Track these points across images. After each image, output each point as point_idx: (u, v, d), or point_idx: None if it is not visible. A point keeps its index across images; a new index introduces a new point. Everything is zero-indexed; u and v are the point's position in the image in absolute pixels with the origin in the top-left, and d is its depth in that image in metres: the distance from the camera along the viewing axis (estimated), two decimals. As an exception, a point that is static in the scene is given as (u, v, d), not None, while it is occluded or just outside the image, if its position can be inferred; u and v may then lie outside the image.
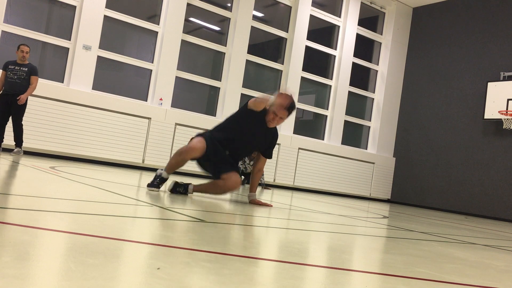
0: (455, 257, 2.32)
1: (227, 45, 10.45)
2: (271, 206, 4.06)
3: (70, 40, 8.62)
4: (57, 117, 8.10)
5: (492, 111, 10.65)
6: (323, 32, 12.15)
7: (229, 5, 10.55)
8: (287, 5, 11.30)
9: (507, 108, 10.34)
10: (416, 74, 12.81)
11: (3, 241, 1.27)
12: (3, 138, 7.19)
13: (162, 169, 3.88)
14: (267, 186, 9.70)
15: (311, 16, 11.51)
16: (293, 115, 4.25)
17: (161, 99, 9.38)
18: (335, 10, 12.15)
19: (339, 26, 12.11)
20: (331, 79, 12.03)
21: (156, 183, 3.82)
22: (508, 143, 10.54)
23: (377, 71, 12.95)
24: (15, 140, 7.11)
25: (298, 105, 11.37)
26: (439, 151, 11.86)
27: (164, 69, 9.45)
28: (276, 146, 10.73)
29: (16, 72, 7.01)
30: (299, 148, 11.10)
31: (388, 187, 12.73)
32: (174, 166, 3.83)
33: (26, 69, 7.09)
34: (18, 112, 7.10)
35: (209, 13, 10.32)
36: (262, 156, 4.04)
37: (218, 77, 10.40)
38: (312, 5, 11.50)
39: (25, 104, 7.15)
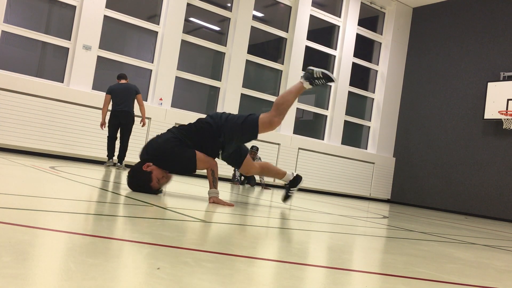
0: (455, 257, 2.32)
1: (227, 45, 10.45)
2: (233, 205, 3.49)
3: (70, 40, 8.62)
4: (57, 117, 8.10)
5: (492, 111, 10.66)
6: (323, 32, 12.15)
7: (229, 5, 10.55)
8: (287, 5, 11.30)
9: (507, 108, 10.34)
10: (416, 74, 12.81)
11: (3, 241, 1.27)
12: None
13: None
14: (267, 186, 9.70)
15: (311, 16, 11.51)
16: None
17: (161, 99, 9.38)
18: (335, 10, 12.15)
19: (339, 26, 12.10)
20: (331, 79, 12.01)
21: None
22: (508, 143, 10.54)
23: (377, 71, 12.95)
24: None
25: (299, 105, 11.37)
26: (439, 151, 11.86)
27: (164, 69, 9.44)
28: (276, 146, 10.75)
29: None
30: (299, 148, 11.10)
31: (388, 187, 12.73)
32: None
33: None
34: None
35: (209, 13, 10.32)
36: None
37: (218, 77, 10.39)
38: (312, 5, 11.50)
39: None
